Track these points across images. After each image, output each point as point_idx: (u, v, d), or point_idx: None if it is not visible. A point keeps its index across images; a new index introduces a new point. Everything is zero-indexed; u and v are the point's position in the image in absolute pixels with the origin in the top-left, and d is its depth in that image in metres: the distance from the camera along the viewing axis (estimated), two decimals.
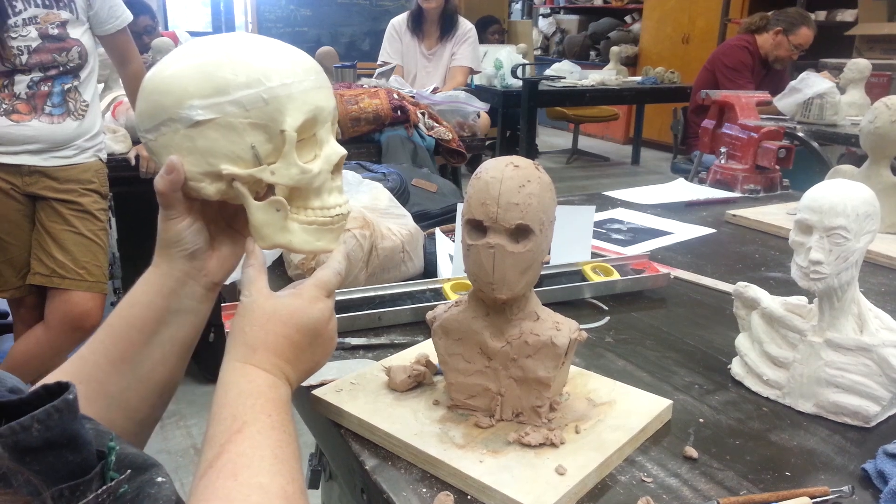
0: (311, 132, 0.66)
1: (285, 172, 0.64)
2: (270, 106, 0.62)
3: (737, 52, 3.79)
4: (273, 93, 0.62)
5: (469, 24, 3.86)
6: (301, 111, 0.63)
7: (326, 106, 0.66)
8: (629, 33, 8.31)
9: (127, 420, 0.67)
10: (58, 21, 1.93)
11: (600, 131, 8.50)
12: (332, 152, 0.67)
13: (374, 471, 0.70)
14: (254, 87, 0.62)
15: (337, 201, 0.68)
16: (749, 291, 0.88)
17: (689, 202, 1.82)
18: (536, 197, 0.68)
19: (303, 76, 0.64)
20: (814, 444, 0.76)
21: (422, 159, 2.52)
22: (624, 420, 0.75)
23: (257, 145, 0.63)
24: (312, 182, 0.65)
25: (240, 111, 0.62)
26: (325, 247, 0.69)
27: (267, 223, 0.66)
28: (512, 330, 0.73)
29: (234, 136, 0.63)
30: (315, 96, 0.65)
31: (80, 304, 2.03)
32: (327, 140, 0.67)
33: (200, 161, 0.64)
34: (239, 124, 0.62)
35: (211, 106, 0.62)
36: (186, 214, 0.67)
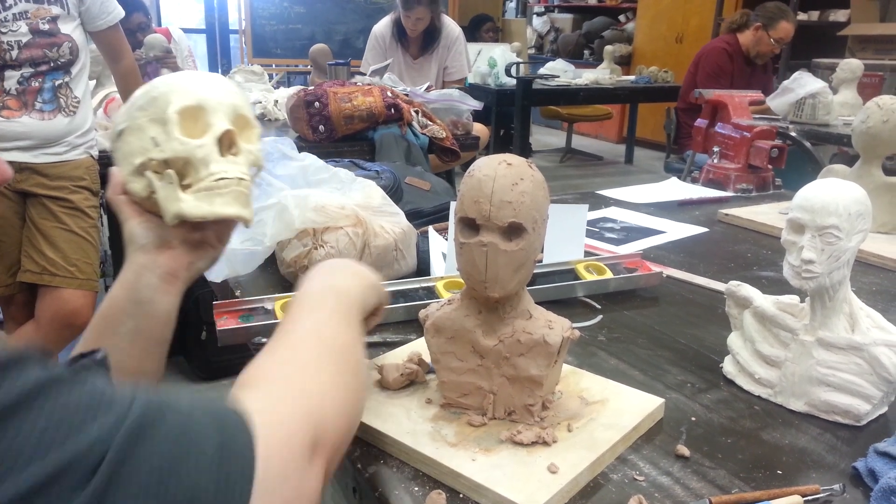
0: (202, 121, 0.76)
1: (169, 146, 0.74)
2: (160, 101, 0.75)
3: (715, 58, 3.81)
4: (159, 90, 0.76)
5: (456, 29, 3.79)
6: (183, 99, 0.75)
7: (214, 97, 0.77)
8: (623, 32, 8.32)
9: None
10: (48, 16, 1.92)
11: (594, 130, 8.50)
12: (217, 129, 0.76)
13: (366, 469, 0.69)
14: (148, 92, 0.76)
15: (222, 168, 0.75)
16: (741, 290, 0.88)
17: (681, 201, 1.82)
18: (529, 195, 0.68)
19: (189, 79, 0.78)
20: (805, 442, 0.76)
21: (415, 157, 2.52)
22: (616, 418, 0.75)
23: (156, 136, 0.74)
24: (195, 153, 0.74)
25: (141, 112, 0.75)
26: (218, 210, 0.73)
27: (164, 197, 0.73)
28: (504, 328, 0.73)
29: (140, 134, 0.75)
30: (200, 90, 0.76)
31: (70, 301, 2.02)
32: (216, 123, 0.76)
33: (126, 163, 0.75)
34: (142, 123, 0.75)
35: (126, 117, 0.76)
36: (136, 215, 0.76)
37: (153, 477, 0.39)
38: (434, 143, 2.66)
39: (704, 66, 3.83)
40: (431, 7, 3.55)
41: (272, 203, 1.13)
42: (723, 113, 2.29)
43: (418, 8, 3.51)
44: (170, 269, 0.76)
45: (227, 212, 0.74)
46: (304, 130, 2.51)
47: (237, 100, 0.79)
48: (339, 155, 2.16)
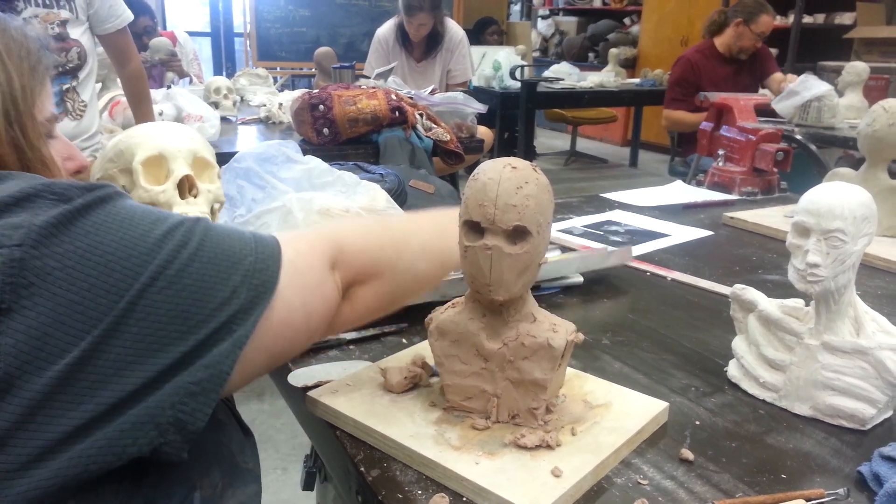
0: (165, 167, 0.86)
1: (135, 194, 0.84)
2: (126, 153, 0.85)
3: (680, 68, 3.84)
4: (125, 143, 0.86)
5: (459, 32, 3.79)
6: (146, 151, 0.85)
7: (174, 146, 0.87)
8: (628, 35, 8.32)
9: None
10: (58, 20, 1.93)
11: (598, 133, 8.50)
12: (177, 175, 0.86)
13: (369, 472, 0.69)
14: (117, 145, 0.86)
15: (183, 209, 0.85)
16: (746, 294, 0.88)
17: (686, 204, 1.82)
18: (534, 198, 0.68)
19: (151, 130, 0.88)
20: (810, 446, 0.76)
21: (419, 160, 2.52)
22: (620, 422, 0.75)
23: (126, 185, 0.85)
24: (158, 198, 0.84)
25: (111, 164, 0.86)
26: None
27: None
28: (508, 332, 0.73)
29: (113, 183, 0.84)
30: (160, 140, 0.86)
31: None
32: (176, 169, 0.86)
33: None
34: (114, 174, 0.86)
35: (100, 168, 0.87)
36: None
37: (214, 250, 0.58)
38: (438, 146, 2.66)
39: (673, 76, 3.90)
40: (434, 13, 3.55)
41: (277, 206, 1.13)
42: (728, 116, 2.29)
43: (421, 14, 3.52)
44: None
45: None
46: (309, 133, 2.52)
47: (195, 145, 0.89)
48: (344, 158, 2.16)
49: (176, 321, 0.53)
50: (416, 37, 3.63)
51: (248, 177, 1.21)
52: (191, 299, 0.54)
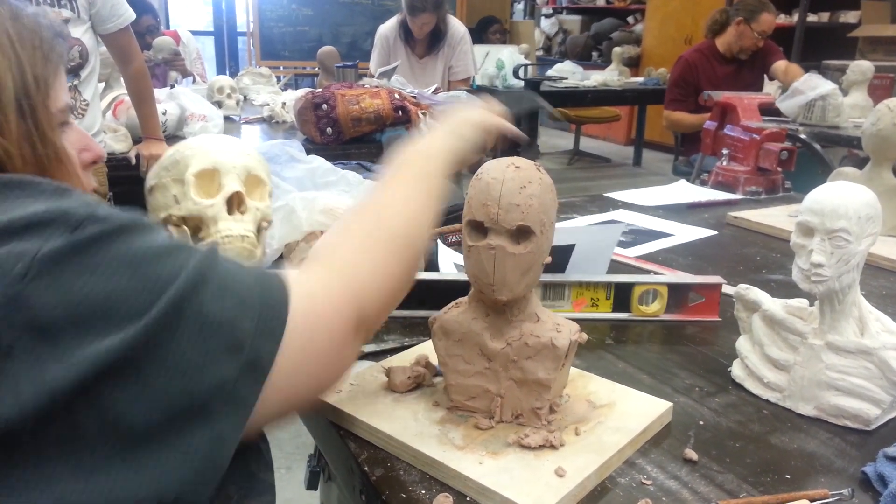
0: (217, 181, 0.87)
1: (185, 205, 0.86)
2: (181, 164, 0.86)
3: (678, 68, 3.84)
4: (182, 153, 0.87)
5: (461, 28, 3.81)
6: (200, 163, 0.86)
7: (229, 161, 0.88)
8: (632, 34, 8.30)
9: None
10: (59, 20, 1.93)
11: (602, 132, 8.49)
12: (227, 190, 0.87)
13: (373, 472, 0.69)
14: (172, 155, 0.88)
15: (227, 226, 0.85)
16: (750, 294, 0.88)
17: (690, 204, 1.81)
18: (537, 198, 0.68)
19: (208, 143, 0.88)
20: (814, 446, 0.76)
21: None
22: (624, 422, 0.75)
23: (177, 195, 0.86)
24: (206, 212, 0.85)
25: (165, 172, 0.87)
26: None
27: None
28: (512, 331, 0.73)
29: (165, 192, 0.87)
30: (216, 154, 0.87)
31: None
32: (228, 184, 0.87)
33: (154, 215, 0.87)
34: (167, 182, 0.87)
35: (155, 176, 0.88)
36: None
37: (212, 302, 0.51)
38: None
39: (672, 77, 3.89)
40: (437, 12, 3.57)
41: (280, 205, 1.13)
42: (732, 115, 2.28)
43: (424, 14, 3.54)
44: None
45: None
46: (312, 133, 2.52)
47: (250, 161, 0.90)
48: (347, 157, 2.16)
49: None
50: (419, 34, 3.65)
51: None
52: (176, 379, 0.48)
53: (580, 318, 0.96)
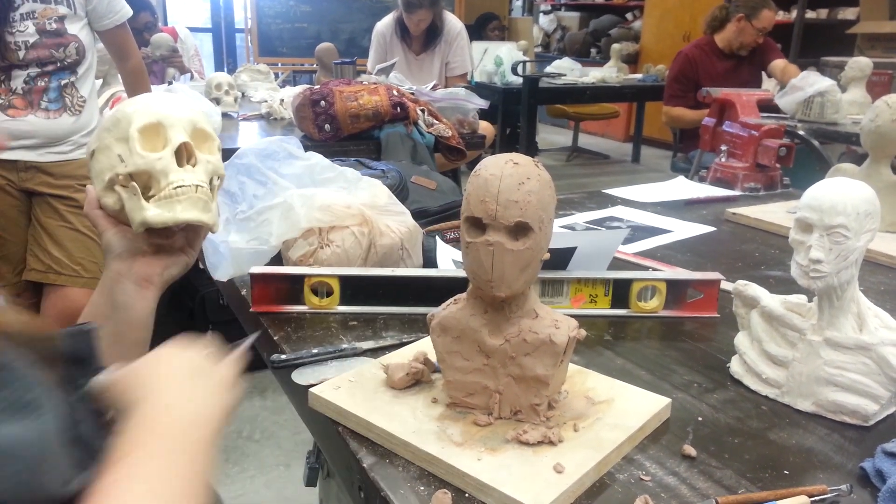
0: (162, 136, 0.83)
1: (131, 161, 0.81)
2: (123, 122, 0.83)
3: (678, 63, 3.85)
4: (123, 112, 0.84)
5: (457, 24, 3.80)
6: (143, 118, 0.82)
7: (173, 114, 0.84)
8: (630, 30, 8.30)
9: None
10: (55, 16, 1.93)
11: (601, 129, 8.49)
12: (174, 142, 0.83)
13: (371, 468, 0.69)
14: (113, 115, 0.84)
15: (179, 177, 0.82)
16: (749, 290, 0.88)
17: (689, 200, 1.81)
18: (536, 194, 0.68)
19: (150, 100, 0.86)
20: (812, 442, 0.76)
21: (421, 156, 2.52)
22: (622, 418, 0.75)
23: (122, 154, 0.82)
24: (154, 165, 0.81)
25: (107, 133, 0.83)
26: (178, 216, 0.81)
27: (131, 208, 0.81)
28: (510, 328, 0.73)
29: (109, 153, 0.83)
30: (158, 108, 0.84)
31: (76, 300, 2.02)
32: (174, 137, 0.83)
33: (99, 181, 0.84)
34: (110, 142, 0.83)
35: (96, 138, 0.85)
36: (110, 227, 0.84)
37: None
38: (440, 142, 2.66)
39: (671, 72, 3.89)
40: (433, 8, 3.57)
41: (278, 202, 1.13)
42: (730, 111, 2.28)
43: (420, 10, 3.54)
44: (144, 274, 0.84)
45: (187, 216, 0.81)
46: (310, 129, 2.51)
47: (194, 115, 0.86)
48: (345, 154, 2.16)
49: None
50: (415, 31, 3.65)
51: (250, 173, 1.21)
52: None
53: (579, 315, 0.96)
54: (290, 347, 0.94)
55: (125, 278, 0.83)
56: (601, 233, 1.26)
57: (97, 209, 0.85)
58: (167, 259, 0.86)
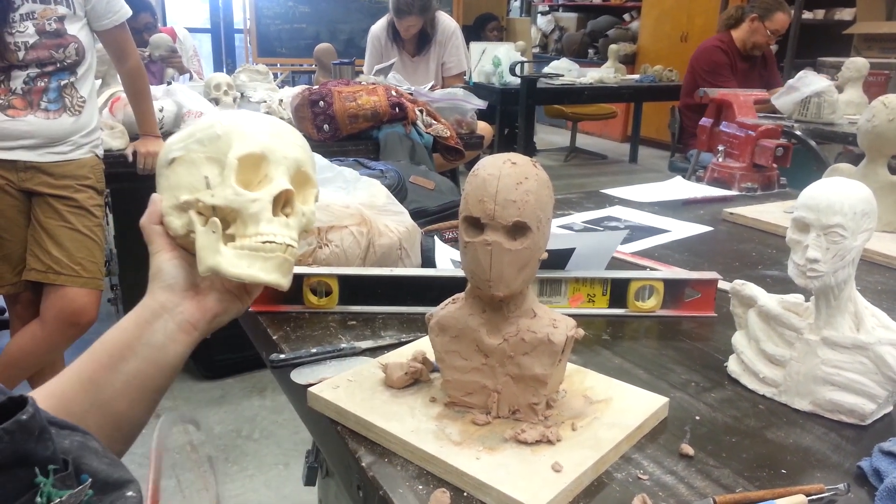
0: (262, 172, 0.72)
1: (221, 194, 0.70)
2: (222, 140, 0.70)
3: (711, 55, 3.82)
4: (225, 128, 0.71)
5: (451, 24, 3.79)
6: (247, 145, 0.70)
7: (280, 150, 0.72)
8: (628, 31, 8.31)
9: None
10: (55, 16, 1.93)
11: (598, 129, 8.50)
12: (276, 186, 0.71)
13: (370, 468, 0.70)
14: (213, 127, 0.72)
15: (273, 230, 0.70)
16: (746, 289, 0.88)
17: (686, 200, 1.82)
18: (534, 194, 0.68)
19: (260, 124, 0.73)
20: (810, 441, 0.76)
21: (420, 156, 2.52)
22: (620, 417, 0.75)
23: (210, 176, 0.70)
24: (248, 207, 0.69)
25: (199, 146, 0.71)
26: (255, 274, 0.69)
27: (203, 246, 0.69)
28: (509, 327, 0.73)
29: (193, 169, 0.71)
30: (268, 138, 0.72)
31: (75, 300, 2.02)
32: (277, 178, 0.71)
33: (170, 196, 0.72)
34: (198, 158, 0.71)
35: (181, 147, 0.72)
36: (168, 249, 0.72)
37: None
38: (438, 142, 2.66)
39: (701, 64, 3.86)
40: (423, 15, 3.57)
41: None
42: (727, 112, 2.28)
43: (409, 17, 3.55)
44: (191, 317, 0.71)
45: (267, 279, 0.70)
46: (309, 129, 2.52)
47: (301, 154, 0.75)
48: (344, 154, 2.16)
49: None
50: (405, 35, 3.67)
51: None
52: None
53: (577, 314, 0.96)
54: (289, 347, 0.94)
55: (168, 315, 0.70)
56: (600, 234, 1.27)
57: (158, 224, 0.72)
58: (222, 305, 0.73)
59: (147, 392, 0.69)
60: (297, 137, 0.75)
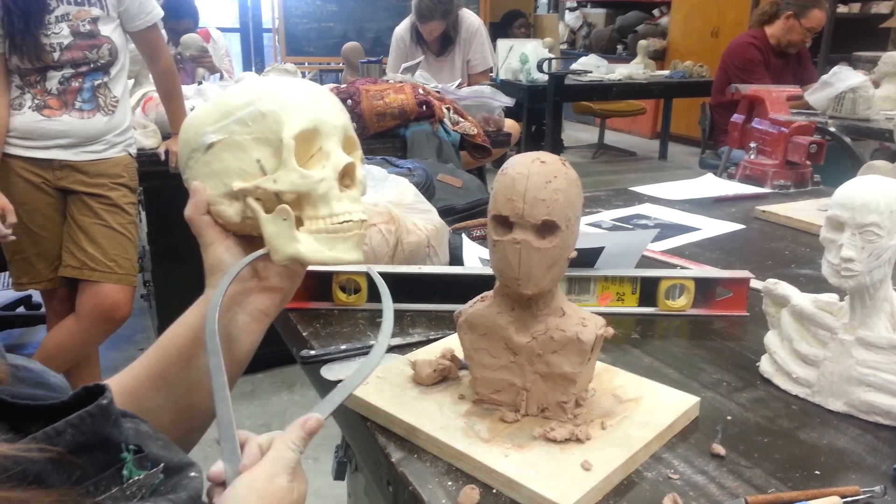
0: (316, 145, 0.67)
1: (286, 178, 0.65)
2: (269, 118, 0.65)
3: (744, 51, 3.75)
4: (269, 106, 0.65)
5: (475, 20, 3.78)
6: (299, 121, 0.65)
7: (329, 120, 0.68)
8: (657, 27, 8.22)
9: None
10: (88, 17, 1.96)
11: (627, 126, 8.42)
12: (337, 160, 0.67)
13: (400, 463, 0.70)
14: (253, 104, 0.66)
15: (346, 208, 0.67)
16: (779, 288, 0.87)
17: (717, 198, 1.80)
18: (563, 192, 0.68)
19: (300, 93, 0.68)
20: (844, 443, 0.75)
21: (447, 154, 2.52)
22: (651, 416, 0.74)
23: (262, 159, 0.66)
24: (316, 188, 0.66)
25: (243, 128, 0.65)
26: (340, 256, 0.68)
27: (277, 234, 0.66)
28: (537, 325, 0.73)
29: (241, 154, 0.66)
30: (314, 109, 0.67)
31: (109, 295, 2.06)
32: (334, 151, 0.68)
33: (217, 183, 0.67)
34: (244, 141, 0.66)
35: (219, 129, 0.66)
36: (221, 239, 0.69)
37: None
38: (465, 140, 2.66)
39: (734, 61, 3.78)
40: (445, 19, 3.57)
41: None
42: (760, 108, 2.25)
43: (432, 22, 3.56)
44: (262, 305, 0.69)
45: (349, 258, 0.68)
46: None
47: (345, 118, 0.71)
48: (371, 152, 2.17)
49: None
50: (428, 38, 3.67)
51: None
52: None
53: (605, 313, 0.95)
54: (319, 343, 0.95)
55: (238, 308, 0.68)
56: (630, 233, 1.26)
57: (205, 215, 0.68)
58: (285, 284, 0.71)
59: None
60: (334, 100, 0.71)
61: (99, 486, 0.47)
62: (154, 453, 0.52)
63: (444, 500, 0.65)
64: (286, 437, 0.56)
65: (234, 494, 0.52)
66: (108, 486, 0.47)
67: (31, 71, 1.95)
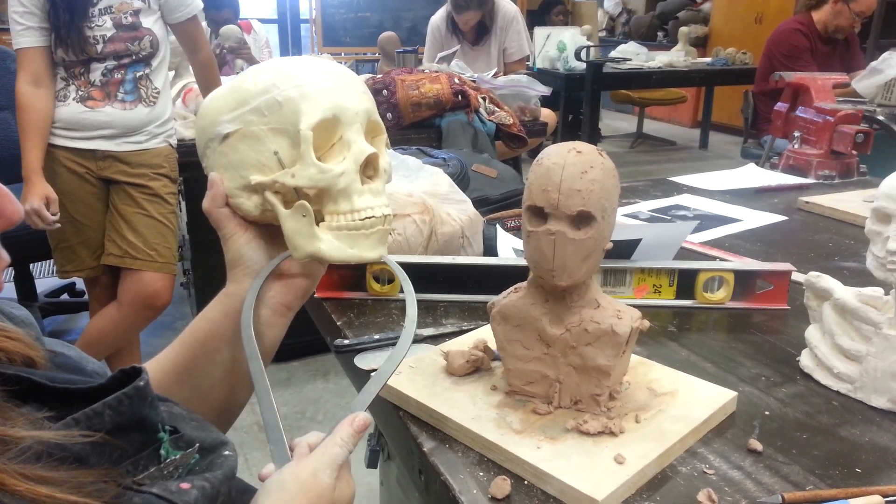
0: (336, 134, 0.64)
1: (304, 173, 0.62)
2: (285, 108, 0.62)
3: (789, 38, 3.63)
4: (286, 94, 0.62)
5: (512, 8, 3.74)
6: (317, 110, 0.62)
7: (351, 106, 0.64)
8: (699, 13, 8.06)
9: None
10: (130, 10, 2.00)
11: (667, 114, 8.29)
12: (359, 152, 0.64)
13: (431, 453, 0.70)
14: (269, 92, 0.63)
15: (368, 203, 0.64)
16: (821, 282, 0.85)
17: (759, 188, 1.76)
18: (599, 183, 0.67)
19: (320, 78, 0.64)
20: (887, 440, 0.73)
21: (482, 144, 2.51)
22: (686, 411, 0.73)
23: (280, 151, 0.63)
24: (336, 183, 0.62)
25: (259, 118, 0.63)
26: (362, 254, 0.65)
27: (296, 231, 0.63)
28: (571, 317, 0.73)
29: (258, 145, 0.63)
30: (334, 96, 0.63)
31: (150, 283, 2.11)
32: (356, 141, 0.64)
33: (235, 175, 0.65)
34: (260, 132, 0.63)
35: (235, 118, 0.63)
36: (241, 231, 0.67)
37: None
38: (501, 130, 2.65)
39: (779, 48, 3.68)
40: (481, 9, 3.55)
41: None
42: (804, 96, 2.19)
43: (468, 12, 3.54)
44: (284, 298, 0.69)
45: (371, 256, 0.66)
46: None
47: (368, 102, 0.66)
48: (407, 142, 2.17)
49: None
50: (463, 28, 3.65)
51: None
52: None
53: (642, 305, 0.94)
54: (353, 333, 0.96)
55: (260, 302, 0.67)
56: (667, 225, 1.24)
57: (224, 207, 0.66)
58: (307, 276, 0.70)
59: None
60: (357, 82, 0.67)
61: (137, 465, 0.48)
62: (189, 434, 0.53)
63: (476, 491, 0.65)
64: (335, 434, 0.58)
65: (277, 479, 0.54)
66: (146, 466, 0.48)
67: (76, 63, 1.99)
